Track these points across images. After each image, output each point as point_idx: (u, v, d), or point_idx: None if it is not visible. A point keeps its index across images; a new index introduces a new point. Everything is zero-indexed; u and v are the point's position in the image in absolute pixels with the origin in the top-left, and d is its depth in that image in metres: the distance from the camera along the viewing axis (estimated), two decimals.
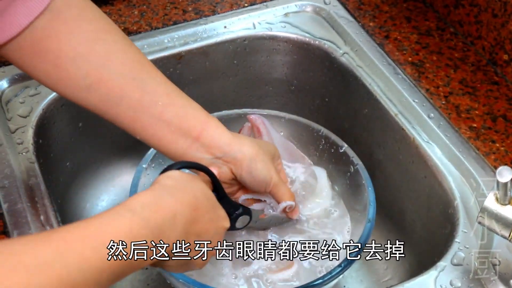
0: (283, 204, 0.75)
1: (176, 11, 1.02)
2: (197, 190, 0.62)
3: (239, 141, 0.71)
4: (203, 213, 0.61)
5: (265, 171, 0.72)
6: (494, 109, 0.88)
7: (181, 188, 0.60)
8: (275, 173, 0.74)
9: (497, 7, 0.90)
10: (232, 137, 0.71)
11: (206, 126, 0.70)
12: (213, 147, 0.70)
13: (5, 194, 0.75)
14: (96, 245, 0.50)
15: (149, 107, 0.67)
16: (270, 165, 0.73)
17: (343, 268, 0.71)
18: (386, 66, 0.93)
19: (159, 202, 0.57)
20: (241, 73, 1.02)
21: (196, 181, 0.62)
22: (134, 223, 0.53)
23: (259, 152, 0.72)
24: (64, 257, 0.48)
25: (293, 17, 1.02)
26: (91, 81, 0.66)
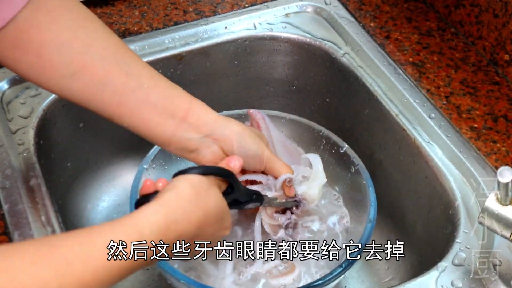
0: (282, 176, 0.75)
1: (177, 11, 1.02)
2: (210, 202, 0.61)
3: (226, 119, 0.72)
4: (207, 228, 0.61)
5: (256, 144, 0.72)
6: (495, 109, 0.88)
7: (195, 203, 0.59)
8: (267, 148, 0.74)
9: (498, 7, 0.90)
10: (218, 116, 0.72)
11: (192, 105, 0.70)
12: (200, 125, 0.70)
13: (6, 195, 0.75)
14: (97, 268, 0.50)
15: (134, 90, 0.67)
16: (260, 141, 0.73)
17: (344, 268, 0.71)
18: (387, 66, 0.93)
19: (170, 226, 0.56)
20: (241, 74, 1.02)
21: (212, 190, 0.62)
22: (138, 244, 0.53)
23: (246, 129, 0.73)
24: (63, 279, 0.48)
25: (293, 18, 1.02)
26: (75, 68, 0.65)
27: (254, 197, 0.72)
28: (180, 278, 0.69)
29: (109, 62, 0.67)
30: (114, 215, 0.98)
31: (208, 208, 0.61)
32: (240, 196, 0.69)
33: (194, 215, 0.59)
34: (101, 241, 0.51)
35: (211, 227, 0.62)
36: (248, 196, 0.71)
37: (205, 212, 0.60)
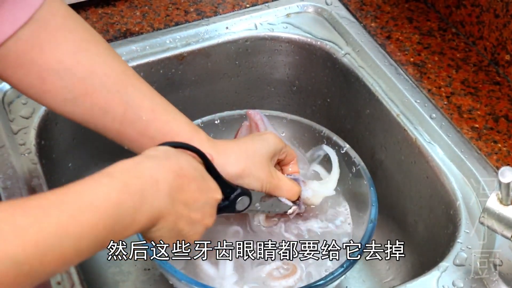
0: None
1: (178, 12, 1.02)
2: (182, 160, 0.60)
3: (224, 159, 0.69)
4: (189, 181, 0.60)
5: (255, 183, 0.71)
6: (496, 109, 0.88)
7: (164, 157, 0.59)
8: (268, 177, 0.72)
9: (499, 7, 0.90)
10: (217, 155, 0.69)
11: (191, 141, 0.68)
12: None
13: (8, 195, 0.75)
14: (74, 211, 0.50)
15: (134, 121, 0.67)
16: (260, 174, 0.71)
17: (345, 268, 0.71)
18: (388, 66, 0.93)
19: (139, 167, 0.56)
20: (243, 74, 1.02)
21: (182, 153, 0.61)
22: (112, 188, 0.53)
23: (246, 167, 0.70)
24: (40, 222, 0.48)
25: (294, 18, 1.02)
26: (77, 94, 0.65)
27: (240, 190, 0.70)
28: (181, 278, 0.69)
29: (110, 90, 0.66)
30: None
31: (180, 161, 0.59)
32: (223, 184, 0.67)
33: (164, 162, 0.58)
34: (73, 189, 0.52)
35: (194, 181, 0.60)
36: (232, 188, 0.69)
37: (178, 163, 0.59)
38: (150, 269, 0.92)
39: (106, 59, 0.67)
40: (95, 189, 0.52)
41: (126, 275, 0.92)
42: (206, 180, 0.63)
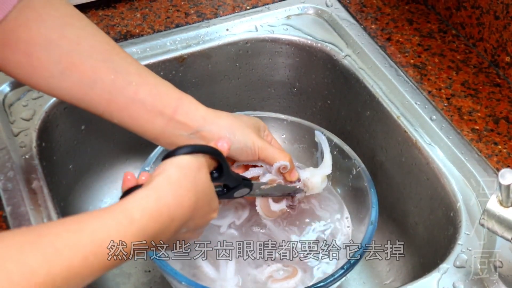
0: (276, 164, 0.75)
1: (178, 14, 1.02)
2: (200, 184, 0.61)
3: (215, 114, 0.72)
4: (198, 211, 0.61)
5: (245, 137, 0.72)
6: (496, 111, 0.88)
7: (185, 186, 0.59)
8: (258, 138, 0.73)
9: (499, 9, 0.90)
10: (207, 111, 0.72)
11: (180, 102, 0.70)
12: (189, 122, 0.70)
13: (8, 197, 0.75)
14: (87, 254, 0.49)
15: (123, 87, 0.68)
16: (249, 132, 0.73)
17: (345, 270, 0.71)
18: (388, 68, 0.93)
19: (161, 210, 0.56)
20: (243, 76, 1.02)
21: (201, 171, 0.62)
22: (129, 233, 0.53)
23: (236, 122, 0.72)
24: (51, 265, 0.47)
25: (295, 20, 1.02)
26: (64, 66, 0.66)
27: (242, 184, 0.71)
28: (182, 280, 0.69)
29: (97, 60, 0.67)
30: None
31: (198, 190, 0.60)
32: (229, 180, 0.69)
33: (186, 198, 0.58)
34: (90, 228, 0.51)
35: (202, 209, 0.62)
36: (237, 181, 0.70)
37: (196, 194, 0.60)
38: (151, 271, 0.92)
39: (91, 31, 0.69)
40: (112, 231, 0.52)
41: (127, 277, 0.92)
42: (211, 202, 0.64)
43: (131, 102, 0.68)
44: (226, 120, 0.72)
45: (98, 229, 0.51)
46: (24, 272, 0.46)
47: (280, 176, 0.77)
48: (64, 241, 0.49)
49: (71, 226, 0.51)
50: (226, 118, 0.72)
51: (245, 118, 0.76)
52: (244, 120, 0.75)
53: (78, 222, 0.51)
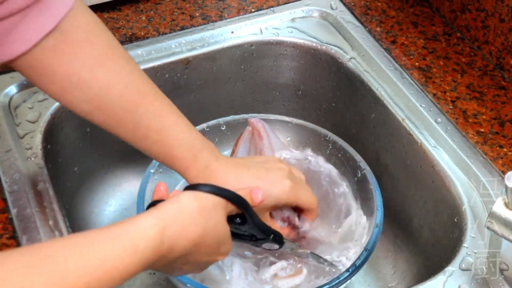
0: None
1: (183, 16, 1.02)
2: (211, 222, 0.61)
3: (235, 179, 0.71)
4: (202, 248, 0.60)
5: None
6: (501, 114, 0.88)
7: (195, 219, 0.59)
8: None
9: (504, 12, 0.90)
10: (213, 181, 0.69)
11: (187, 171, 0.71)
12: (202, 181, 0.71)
13: (14, 199, 0.76)
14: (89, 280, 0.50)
15: (142, 139, 0.71)
16: None
17: (350, 273, 0.71)
18: (393, 71, 0.93)
19: (164, 241, 0.56)
20: (248, 78, 1.02)
21: (216, 211, 0.62)
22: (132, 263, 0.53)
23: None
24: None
25: (300, 22, 1.02)
26: (93, 107, 0.69)
27: (272, 237, 0.69)
28: (187, 282, 0.69)
29: (123, 109, 0.69)
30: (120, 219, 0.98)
31: (207, 228, 0.60)
32: (254, 231, 0.67)
33: (191, 232, 0.58)
34: (95, 255, 0.51)
35: (207, 248, 0.61)
36: (265, 233, 0.68)
37: (204, 231, 0.59)
38: (156, 273, 0.92)
39: (123, 77, 0.69)
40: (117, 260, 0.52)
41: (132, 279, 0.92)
42: (221, 244, 0.63)
43: (149, 151, 0.72)
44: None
45: (103, 257, 0.51)
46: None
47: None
48: (68, 266, 0.49)
49: (76, 250, 0.51)
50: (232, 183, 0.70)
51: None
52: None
53: (83, 245, 0.52)
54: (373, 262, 0.93)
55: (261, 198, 0.67)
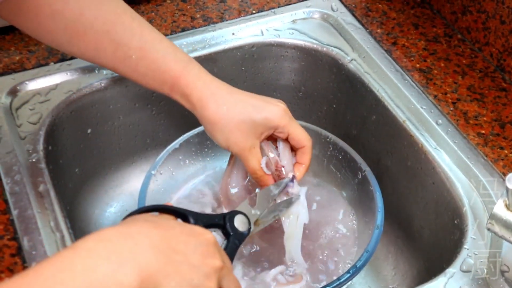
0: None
1: (185, 18, 1.02)
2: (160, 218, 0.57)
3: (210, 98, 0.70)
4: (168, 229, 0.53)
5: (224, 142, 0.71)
6: (502, 115, 0.88)
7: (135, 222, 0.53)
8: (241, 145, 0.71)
9: (505, 13, 0.90)
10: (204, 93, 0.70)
11: (177, 81, 0.70)
12: (187, 101, 0.71)
13: (16, 200, 0.76)
14: None
15: (124, 59, 0.70)
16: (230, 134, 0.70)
17: (351, 274, 0.71)
18: (394, 72, 0.93)
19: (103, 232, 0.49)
20: (249, 80, 1.02)
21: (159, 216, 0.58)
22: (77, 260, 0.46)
23: (222, 117, 0.70)
24: None
25: (301, 24, 1.02)
26: (69, 35, 0.69)
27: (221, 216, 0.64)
28: None
29: (99, 31, 0.69)
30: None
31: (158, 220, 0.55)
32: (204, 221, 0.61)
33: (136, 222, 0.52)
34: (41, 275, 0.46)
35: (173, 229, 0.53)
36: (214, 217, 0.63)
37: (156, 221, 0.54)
38: None
39: (95, 1, 0.70)
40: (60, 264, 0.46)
41: None
42: (187, 226, 0.57)
43: (133, 72, 0.71)
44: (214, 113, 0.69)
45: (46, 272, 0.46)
46: None
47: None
48: None
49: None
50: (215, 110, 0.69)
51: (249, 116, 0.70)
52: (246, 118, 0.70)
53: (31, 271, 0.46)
54: (373, 264, 0.93)
55: None
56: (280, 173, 0.74)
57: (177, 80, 0.70)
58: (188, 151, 0.87)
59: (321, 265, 0.79)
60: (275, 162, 0.74)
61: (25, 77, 0.90)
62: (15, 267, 0.69)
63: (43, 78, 0.90)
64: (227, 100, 0.71)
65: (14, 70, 0.91)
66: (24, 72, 0.91)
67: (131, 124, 0.97)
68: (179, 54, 0.71)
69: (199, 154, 0.89)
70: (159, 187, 0.82)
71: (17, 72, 0.91)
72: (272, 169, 0.74)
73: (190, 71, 0.71)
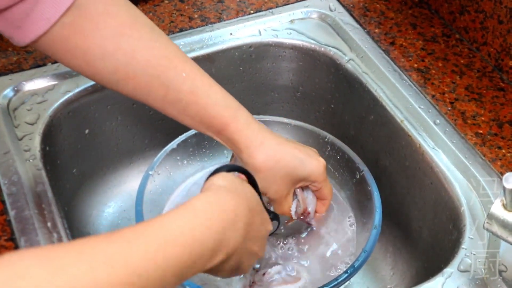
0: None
1: (182, 18, 1.02)
2: (249, 192, 0.62)
3: (259, 148, 0.71)
4: (255, 215, 0.61)
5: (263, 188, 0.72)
6: (500, 115, 0.88)
7: (235, 190, 0.60)
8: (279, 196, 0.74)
9: (503, 13, 0.90)
10: (252, 141, 0.71)
11: (226, 128, 0.71)
12: (233, 145, 0.72)
13: (13, 201, 0.76)
14: (160, 243, 0.50)
15: (174, 103, 0.70)
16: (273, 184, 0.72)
17: (349, 274, 0.71)
18: (392, 72, 0.93)
19: (220, 202, 0.57)
20: (247, 80, 1.02)
21: (246, 184, 0.64)
22: (197, 224, 0.54)
23: (269, 168, 0.72)
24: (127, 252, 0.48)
25: (298, 24, 1.02)
26: (120, 77, 0.68)
27: (271, 215, 0.72)
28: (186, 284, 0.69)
29: (151, 75, 0.68)
30: (119, 221, 0.98)
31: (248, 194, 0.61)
32: None
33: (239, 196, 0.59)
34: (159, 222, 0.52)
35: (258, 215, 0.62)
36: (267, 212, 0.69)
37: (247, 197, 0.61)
38: None
39: (148, 43, 0.69)
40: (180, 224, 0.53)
41: None
42: (264, 212, 0.64)
43: (181, 115, 0.71)
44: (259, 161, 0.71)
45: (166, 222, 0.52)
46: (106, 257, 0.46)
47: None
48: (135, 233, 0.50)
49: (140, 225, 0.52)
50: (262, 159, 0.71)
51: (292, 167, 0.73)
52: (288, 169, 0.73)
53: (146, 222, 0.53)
54: (371, 264, 0.93)
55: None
56: (305, 218, 0.79)
57: (225, 126, 0.71)
58: (185, 152, 0.87)
59: (319, 265, 0.79)
60: (304, 208, 0.78)
61: (23, 77, 0.90)
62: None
63: (41, 79, 0.90)
64: (276, 152, 0.72)
65: (11, 70, 0.91)
66: (21, 73, 0.91)
67: (129, 125, 0.97)
68: (229, 100, 0.72)
69: (196, 155, 0.89)
70: (156, 188, 0.82)
71: (14, 72, 0.91)
72: (298, 213, 0.78)
73: (240, 118, 0.71)
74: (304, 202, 0.78)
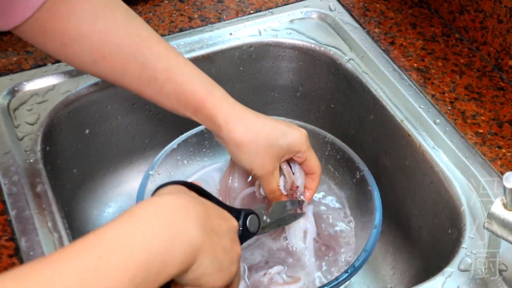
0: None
1: (182, 18, 1.02)
2: (196, 196, 0.59)
3: (238, 121, 0.71)
4: (209, 208, 0.57)
5: (249, 164, 0.71)
6: (500, 114, 0.88)
7: (179, 192, 0.58)
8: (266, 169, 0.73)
9: (503, 13, 0.90)
10: (231, 115, 0.70)
11: (203, 104, 0.70)
12: (211, 122, 0.71)
13: (13, 201, 0.76)
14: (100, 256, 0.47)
15: (149, 81, 0.70)
16: (257, 158, 0.72)
17: (349, 274, 0.71)
18: (392, 72, 0.93)
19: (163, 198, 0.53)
20: (247, 80, 1.02)
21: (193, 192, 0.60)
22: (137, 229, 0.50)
23: (251, 140, 0.71)
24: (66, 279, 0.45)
25: (298, 24, 1.02)
26: (95, 57, 0.69)
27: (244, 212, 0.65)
28: None
29: (126, 53, 0.69)
30: None
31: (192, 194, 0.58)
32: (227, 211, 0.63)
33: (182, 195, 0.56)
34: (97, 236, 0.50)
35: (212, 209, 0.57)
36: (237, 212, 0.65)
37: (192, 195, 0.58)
38: None
39: (122, 24, 0.70)
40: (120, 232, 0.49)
41: None
42: (219, 208, 0.61)
43: (157, 95, 0.71)
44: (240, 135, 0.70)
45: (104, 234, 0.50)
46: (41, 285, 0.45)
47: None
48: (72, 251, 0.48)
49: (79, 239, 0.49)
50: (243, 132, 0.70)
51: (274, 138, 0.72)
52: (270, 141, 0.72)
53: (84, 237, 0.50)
54: (372, 263, 0.93)
55: None
56: (294, 193, 0.78)
57: (202, 102, 0.70)
58: (186, 151, 0.87)
59: (319, 265, 0.79)
60: (291, 182, 0.77)
61: (23, 77, 0.90)
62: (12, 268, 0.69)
63: (41, 79, 0.90)
64: (255, 124, 0.72)
65: (11, 70, 0.91)
66: (21, 73, 0.91)
67: (129, 125, 0.97)
68: (204, 77, 0.72)
69: (197, 154, 0.89)
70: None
71: (14, 72, 0.91)
72: (287, 188, 0.77)
73: (216, 93, 0.71)
74: (290, 176, 0.76)
